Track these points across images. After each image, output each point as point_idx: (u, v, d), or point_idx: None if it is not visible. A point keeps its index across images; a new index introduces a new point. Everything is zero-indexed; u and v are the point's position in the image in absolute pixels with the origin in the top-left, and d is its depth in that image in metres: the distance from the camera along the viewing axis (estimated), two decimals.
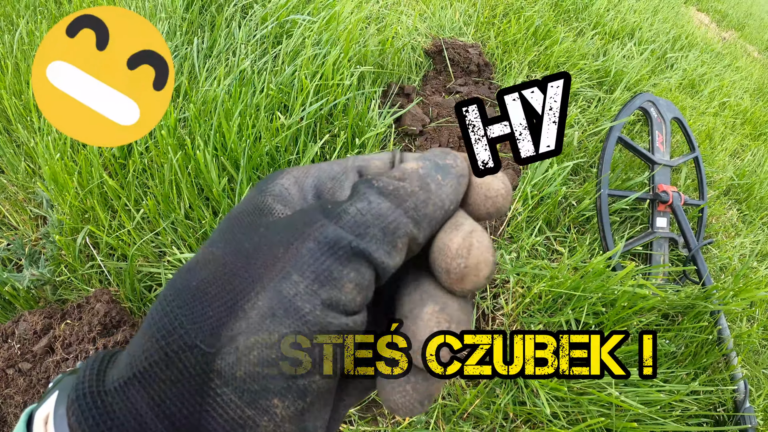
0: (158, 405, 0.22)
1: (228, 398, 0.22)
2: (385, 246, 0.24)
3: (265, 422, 0.22)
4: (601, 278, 1.35)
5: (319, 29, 1.80)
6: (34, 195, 1.35)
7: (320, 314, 0.23)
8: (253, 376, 0.22)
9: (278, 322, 0.22)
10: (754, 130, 3.10)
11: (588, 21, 2.98)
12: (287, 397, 0.23)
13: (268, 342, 0.22)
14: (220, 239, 0.26)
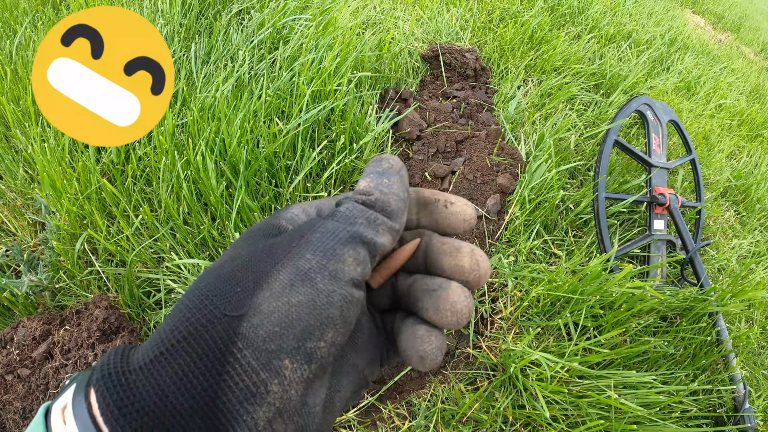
0: (181, 379, 0.24)
1: (247, 362, 0.25)
2: (371, 230, 0.32)
3: (275, 386, 0.26)
4: (599, 281, 1.36)
5: (316, 34, 1.81)
6: (32, 201, 1.35)
7: (328, 282, 0.29)
8: (272, 335, 0.26)
9: (296, 290, 0.28)
10: (750, 132, 3.11)
11: (584, 25, 2.99)
12: (296, 358, 0.27)
13: (287, 305, 0.27)
14: (244, 245, 0.32)
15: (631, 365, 1.35)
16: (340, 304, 0.29)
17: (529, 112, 2.04)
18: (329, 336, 0.28)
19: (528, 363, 1.23)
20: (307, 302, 0.28)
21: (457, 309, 0.33)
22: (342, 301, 0.29)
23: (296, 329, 0.27)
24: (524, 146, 1.84)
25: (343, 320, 0.29)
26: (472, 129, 1.81)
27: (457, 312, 0.33)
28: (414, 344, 0.33)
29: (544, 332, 1.37)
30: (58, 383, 1.03)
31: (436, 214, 0.38)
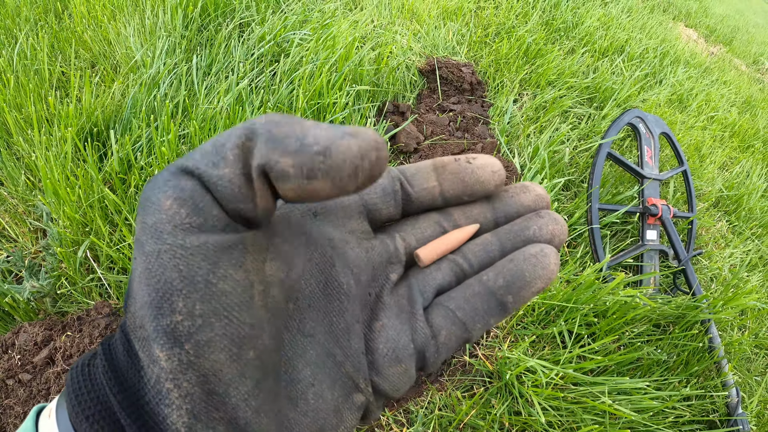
0: (117, 376, 0.23)
1: (143, 357, 0.23)
2: (209, 158, 0.23)
3: (169, 383, 0.22)
4: (593, 289, 1.39)
5: (315, 48, 1.85)
6: (34, 208, 1.37)
7: (153, 242, 0.22)
8: (140, 323, 0.23)
9: (136, 264, 0.23)
10: (742, 143, 3.15)
11: (578, 39, 3.04)
12: (160, 343, 0.22)
13: (137, 282, 0.23)
14: None
15: (624, 372, 1.38)
16: (173, 262, 0.22)
17: (524, 126, 2.08)
18: (179, 304, 0.22)
19: (523, 370, 1.26)
20: (142, 272, 0.22)
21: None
22: (174, 257, 0.22)
23: (146, 309, 0.22)
24: (519, 159, 1.88)
25: (188, 281, 0.22)
26: (468, 142, 1.85)
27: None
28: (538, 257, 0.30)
29: (539, 340, 1.39)
30: (60, 389, 1.03)
31: (461, 173, 0.32)
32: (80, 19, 1.91)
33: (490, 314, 0.30)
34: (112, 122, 1.55)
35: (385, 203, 0.32)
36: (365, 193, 0.32)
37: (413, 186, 0.32)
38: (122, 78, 1.71)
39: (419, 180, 0.32)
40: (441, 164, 0.32)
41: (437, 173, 0.32)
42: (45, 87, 1.62)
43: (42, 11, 1.99)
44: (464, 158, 0.33)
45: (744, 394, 1.58)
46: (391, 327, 0.30)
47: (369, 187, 0.23)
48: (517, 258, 0.30)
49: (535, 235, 0.32)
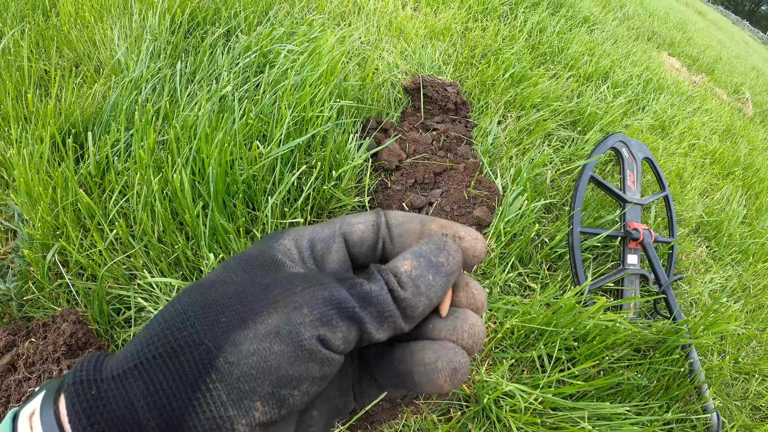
0: (152, 395, 0.24)
1: (218, 394, 0.25)
2: (375, 323, 0.30)
3: (242, 426, 0.25)
4: (573, 313, 1.38)
5: (301, 62, 1.84)
6: (5, 207, 1.33)
7: (313, 343, 0.27)
8: (247, 377, 0.25)
9: (280, 338, 0.27)
10: (722, 170, 3.20)
11: (563, 64, 3.08)
12: (268, 403, 0.26)
13: (268, 351, 0.26)
14: (238, 269, 0.32)
15: (604, 397, 1.37)
16: (321, 363, 0.28)
17: (507, 147, 2.08)
18: (305, 387, 0.27)
19: (501, 394, 1.23)
20: (289, 353, 0.27)
21: (476, 332, 0.33)
22: (323, 362, 0.28)
23: (273, 376, 0.26)
24: (501, 180, 1.88)
25: (321, 376, 0.28)
26: (450, 161, 1.84)
27: (475, 334, 0.33)
28: (447, 355, 0.31)
29: (518, 364, 1.37)
30: (21, 396, 1.00)
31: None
32: (67, 17, 1.89)
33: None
34: (91, 124, 1.52)
35: (366, 256, 0.36)
36: (355, 245, 0.36)
37: (395, 245, 0.36)
38: (104, 80, 1.68)
39: (401, 242, 0.36)
40: (426, 233, 0.35)
41: (419, 240, 0.35)
42: (25, 84, 1.58)
43: (30, 7, 1.96)
44: (452, 234, 0.35)
45: (725, 419, 1.57)
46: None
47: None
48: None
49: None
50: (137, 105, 1.56)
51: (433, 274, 0.31)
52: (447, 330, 0.32)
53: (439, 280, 0.31)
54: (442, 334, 0.33)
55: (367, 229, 0.36)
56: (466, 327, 0.32)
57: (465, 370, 0.32)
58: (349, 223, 0.36)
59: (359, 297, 0.29)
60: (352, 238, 0.35)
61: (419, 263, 0.31)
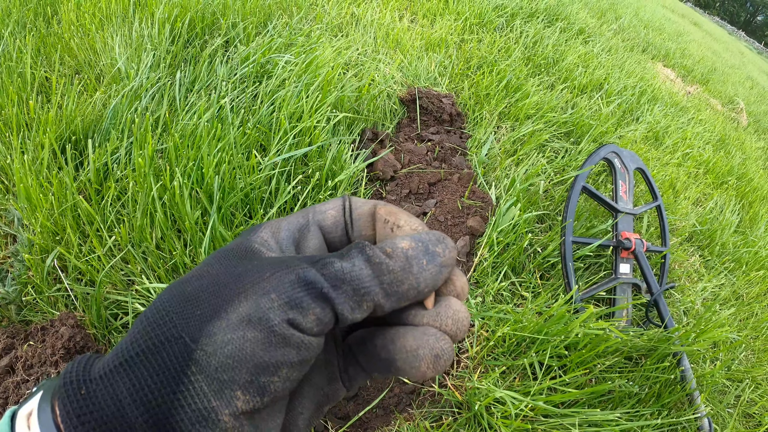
0: (137, 391, 0.25)
1: (199, 386, 0.25)
2: (351, 303, 0.29)
3: (226, 416, 0.26)
4: (563, 321, 1.39)
5: (299, 72, 1.86)
6: (5, 212, 1.34)
7: (284, 327, 0.27)
8: (224, 366, 0.26)
9: (252, 326, 0.27)
10: (716, 179, 3.23)
11: (558, 75, 3.11)
12: (249, 391, 0.26)
13: (241, 339, 0.26)
14: (215, 262, 0.32)
15: (596, 404, 1.38)
16: (297, 347, 0.28)
17: (501, 158, 2.11)
18: (284, 372, 0.27)
19: (493, 401, 1.25)
20: (262, 339, 0.27)
21: (459, 317, 0.32)
22: (299, 346, 0.28)
23: (249, 364, 0.26)
24: (495, 190, 1.90)
25: (299, 360, 0.28)
26: (445, 172, 1.87)
27: (459, 320, 0.32)
28: (428, 341, 0.31)
29: (510, 371, 1.39)
30: (18, 398, 1.01)
31: (383, 236, 0.36)
32: (68, 25, 1.91)
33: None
34: (92, 131, 1.54)
35: (341, 239, 0.37)
36: (329, 229, 0.37)
37: (354, 229, 0.37)
38: (105, 88, 1.71)
39: (358, 227, 0.37)
40: (376, 218, 0.37)
41: (375, 225, 0.37)
42: (27, 91, 1.60)
43: (32, 14, 1.98)
44: (392, 223, 0.35)
45: (716, 426, 1.59)
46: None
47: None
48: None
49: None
50: (137, 113, 1.58)
51: (428, 259, 0.31)
52: (429, 316, 0.32)
53: (432, 267, 0.31)
54: (425, 320, 0.32)
55: (338, 213, 0.37)
56: (450, 312, 0.32)
57: (448, 356, 0.31)
58: (320, 211, 0.37)
59: (331, 276, 0.29)
60: (326, 224, 0.36)
61: (417, 245, 0.31)
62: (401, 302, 0.31)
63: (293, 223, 0.36)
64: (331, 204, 0.37)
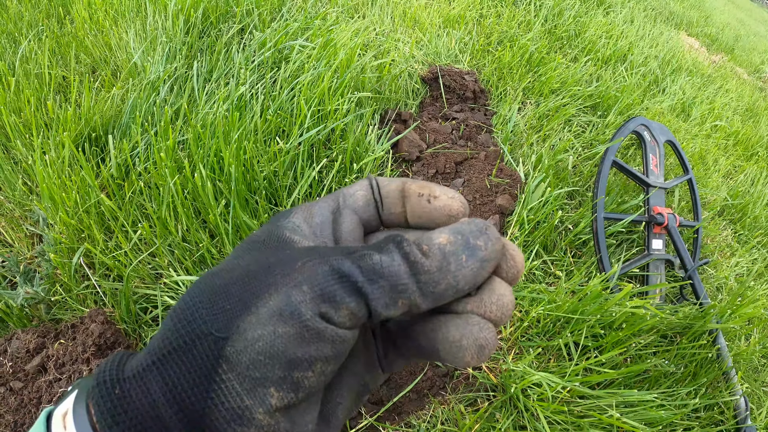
0: (170, 390, 0.24)
1: (231, 385, 0.25)
2: (386, 299, 0.27)
3: (260, 414, 0.25)
4: (599, 301, 1.36)
5: (317, 55, 1.83)
6: (30, 213, 1.35)
7: (317, 321, 0.26)
8: (256, 363, 0.25)
9: (283, 320, 0.25)
10: (746, 151, 3.14)
11: (581, 47, 3.04)
12: (282, 388, 0.25)
13: (272, 335, 0.25)
14: (245, 254, 0.31)
15: (632, 384, 1.35)
16: (332, 342, 0.26)
17: (527, 134, 2.06)
18: (318, 367, 0.26)
19: (529, 383, 1.23)
20: (295, 334, 0.25)
21: (504, 302, 0.30)
22: (334, 340, 0.26)
23: (282, 360, 0.25)
24: (523, 167, 1.86)
25: (333, 354, 0.27)
26: (471, 150, 1.83)
27: (503, 305, 0.30)
28: (472, 332, 0.29)
29: (545, 352, 1.37)
30: (51, 397, 1.01)
31: (419, 210, 0.34)
32: (82, 23, 1.90)
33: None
34: (111, 127, 1.53)
35: (376, 219, 0.36)
36: (362, 210, 0.35)
37: (383, 208, 0.35)
38: (122, 83, 1.70)
39: (388, 204, 0.35)
40: (406, 194, 0.35)
41: (404, 201, 0.35)
42: (45, 91, 1.60)
43: (44, 15, 1.98)
44: (427, 194, 0.34)
45: (753, 405, 1.55)
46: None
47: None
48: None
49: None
50: (156, 106, 1.57)
51: (467, 254, 0.28)
52: (473, 302, 0.30)
53: (472, 263, 0.28)
54: (468, 306, 0.30)
55: (367, 193, 0.35)
56: (494, 298, 0.30)
57: (492, 345, 0.29)
58: (349, 194, 0.35)
59: (368, 269, 0.27)
60: (358, 205, 0.35)
61: (455, 239, 0.28)
62: (438, 302, 0.29)
63: (324, 207, 0.35)
64: (358, 185, 0.36)
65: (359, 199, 0.35)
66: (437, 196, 0.34)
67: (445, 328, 0.30)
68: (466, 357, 0.29)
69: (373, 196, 0.35)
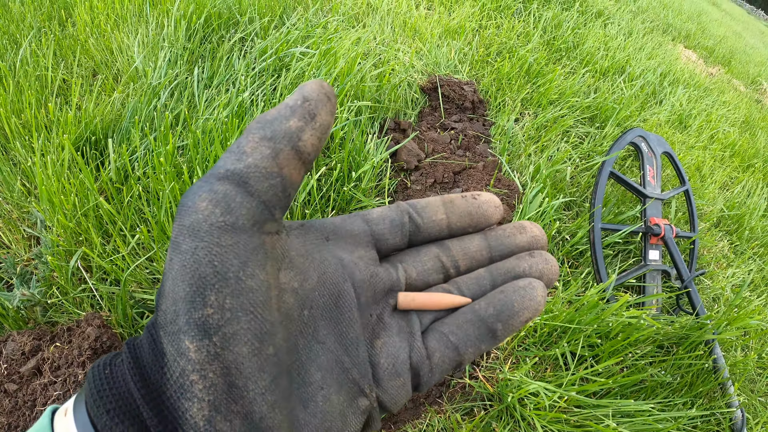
0: (139, 371, 0.25)
1: (169, 351, 0.24)
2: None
3: (194, 375, 0.24)
4: (596, 311, 1.37)
5: (317, 63, 1.84)
6: (28, 214, 1.35)
7: (189, 239, 0.25)
8: (171, 316, 0.24)
9: (172, 256, 0.25)
10: (742, 162, 3.15)
11: (579, 59, 3.06)
12: (191, 335, 0.24)
13: (170, 279, 0.25)
14: None
15: (628, 394, 1.35)
16: (208, 258, 0.24)
17: (525, 145, 2.07)
18: (212, 298, 0.24)
19: (525, 393, 1.23)
20: (178, 269, 0.24)
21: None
22: (209, 254, 0.24)
23: (179, 303, 0.24)
24: (520, 178, 1.87)
25: (221, 276, 0.24)
26: (469, 160, 1.84)
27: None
28: (537, 263, 0.35)
29: (541, 362, 1.37)
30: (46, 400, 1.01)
31: (468, 207, 0.36)
32: (83, 27, 1.91)
33: (481, 340, 0.33)
34: (111, 131, 1.54)
35: (392, 234, 0.35)
36: (375, 223, 0.35)
37: (422, 217, 0.36)
38: (123, 87, 1.70)
39: (429, 212, 0.36)
40: (449, 199, 0.37)
41: (446, 207, 0.36)
42: (45, 93, 1.60)
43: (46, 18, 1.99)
44: (470, 195, 0.37)
45: (749, 416, 1.55)
46: (391, 344, 0.32)
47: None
48: (507, 290, 0.34)
49: (525, 272, 0.35)
50: (156, 111, 1.57)
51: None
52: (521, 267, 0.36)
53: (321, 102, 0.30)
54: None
55: (387, 210, 0.36)
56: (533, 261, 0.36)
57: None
58: (368, 210, 0.37)
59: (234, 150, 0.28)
60: (372, 216, 0.36)
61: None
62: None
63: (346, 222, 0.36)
64: (383, 207, 0.37)
65: (375, 212, 0.36)
66: (480, 194, 0.37)
67: (510, 284, 0.34)
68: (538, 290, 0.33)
69: (398, 210, 0.36)
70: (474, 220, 0.36)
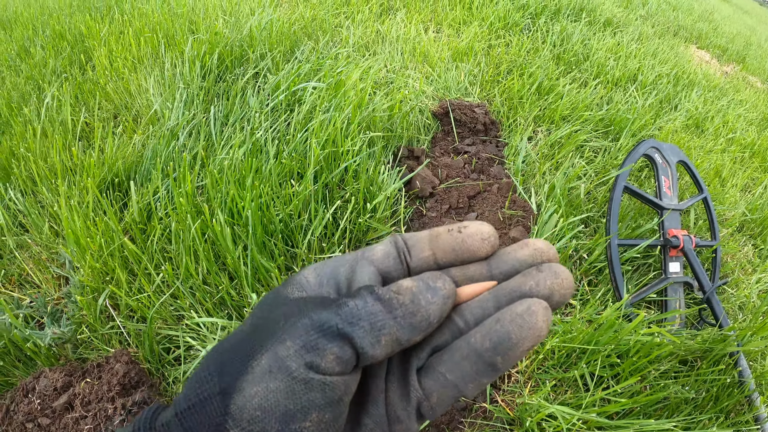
0: None
1: None
2: (370, 338, 0.30)
3: None
4: (614, 329, 1.36)
5: (328, 97, 1.88)
6: (57, 255, 1.40)
7: (303, 372, 0.28)
8: (254, 419, 0.28)
9: (273, 376, 0.28)
10: (763, 162, 3.09)
11: (590, 71, 3.05)
12: None
13: (265, 390, 0.28)
14: (257, 309, 0.34)
15: (650, 413, 1.34)
16: (322, 390, 0.29)
17: (539, 163, 2.08)
18: (314, 417, 0.28)
19: (544, 416, 1.23)
20: (285, 388, 0.28)
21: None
22: (323, 388, 0.29)
23: (276, 413, 0.28)
24: (535, 198, 1.88)
25: (326, 402, 0.29)
26: (483, 183, 1.86)
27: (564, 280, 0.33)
28: (545, 278, 0.33)
29: (561, 384, 1.37)
30: None
31: (452, 242, 0.35)
32: (103, 71, 1.98)
33: (481, 375, 0.33)
34: (133, 173, 1.59)
35: (396, 269, 0.36)
36: (379, 261, 0.36)
37: (411, 256, 0.36)
38: (143, 129, 1.76)
39: (417, 250, 0.36)
40: (436, 234, 0.36)
41: (431, 243, 0.36)
42: (69, 137, 1.67)
43: (67, 63, 2.07)
44: (456, 227, 0.36)
45: None
46: (391, 391, 0.34)
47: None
48: (504, 318, 0.32)
49: (531, 291, 0.33)
50: (175, 152, 1.62)
51: (431, 294, 0.31)
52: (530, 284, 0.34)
53: (437, 300, 0.31)
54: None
55: (387, 246, 0.36)
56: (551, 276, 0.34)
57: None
58: (369, 248, 0.37)
59: (346, 315, 0.30)
60: (376, 256, 0.36)
61: (419, 284, 0.32)
62: (415, 334, 0.31)
63: (339, 261, 0.36)
64: (381, 242, 0.37)
65: (378, 252, 0.36)
66: (467, 225, 0.36)
67: (507, 310, 0.32)
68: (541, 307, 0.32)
69: (396, 247, 0.36)
70: (458, 256, 0.35)
